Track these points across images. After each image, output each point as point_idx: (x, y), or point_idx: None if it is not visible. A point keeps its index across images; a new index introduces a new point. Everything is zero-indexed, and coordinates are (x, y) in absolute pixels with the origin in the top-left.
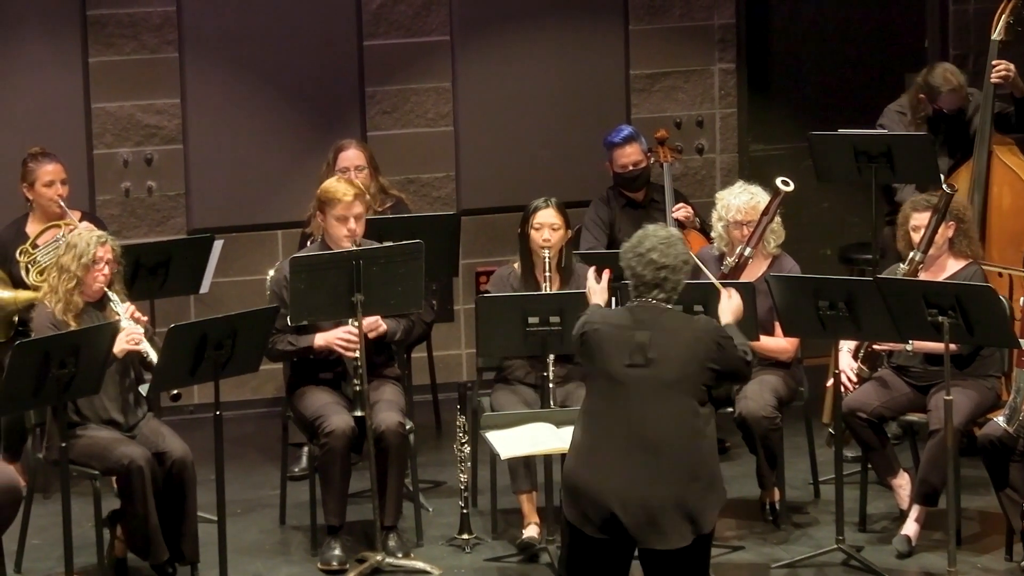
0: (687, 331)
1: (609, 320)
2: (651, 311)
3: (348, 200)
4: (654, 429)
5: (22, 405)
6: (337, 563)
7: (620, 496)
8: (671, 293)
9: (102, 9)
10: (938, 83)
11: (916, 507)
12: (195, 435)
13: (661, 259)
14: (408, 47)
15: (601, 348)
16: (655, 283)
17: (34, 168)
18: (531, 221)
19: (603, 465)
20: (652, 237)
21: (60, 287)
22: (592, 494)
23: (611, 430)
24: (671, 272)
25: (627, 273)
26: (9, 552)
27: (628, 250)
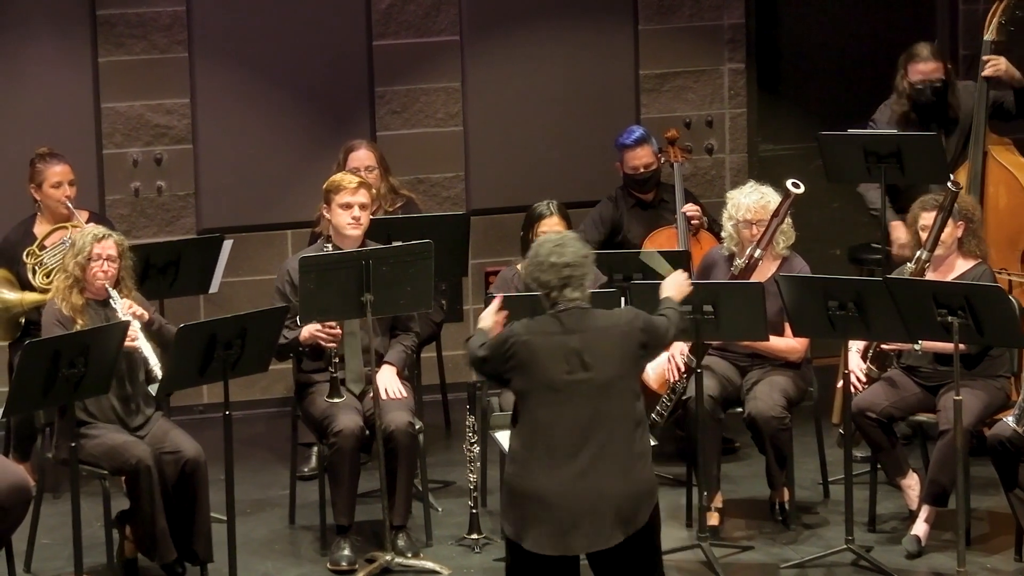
0: (615, 328)
1: (536, 330)
2: (575, 314)
3: (352, 187)
4: (599, 432)
5: (32, 405)
6: (346, 563)
7: (573, 508)
8: (581, 290)
9: (111, 9)
10: (912, 52)
11: (926, 507)
12: (205, 435)
13: (560, 259)
14: (418, 47)
15: (535, 358)
16: (562, 283)
17: (42, 169)
18: (536, 228)
19: (553, 478)
20: (546, 244)
21: (62, 285)
22: (536, 509)
23: (555, 439)
24: (573, 269)
25: (534, 287)
26: (19, 552)
27: (527, 266)
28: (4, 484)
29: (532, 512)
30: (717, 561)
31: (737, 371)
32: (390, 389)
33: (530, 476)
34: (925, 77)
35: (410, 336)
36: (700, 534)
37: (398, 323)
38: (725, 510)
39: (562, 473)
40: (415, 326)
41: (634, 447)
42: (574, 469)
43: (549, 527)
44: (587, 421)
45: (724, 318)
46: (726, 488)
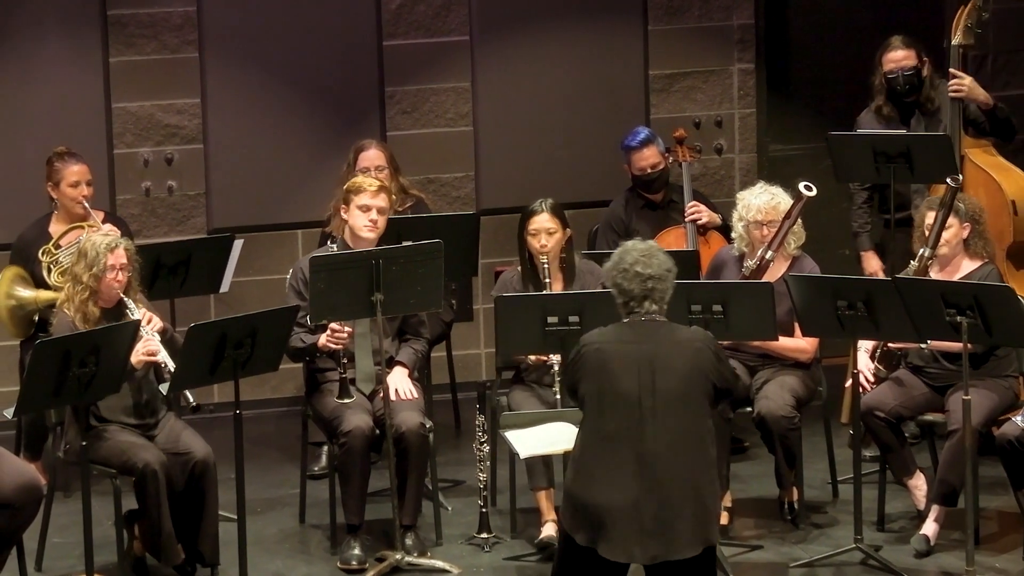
0: (688, 343)
1: (609, 338)
2: (649, 326)
3: (373, 190)
4: (666, 443)
5: (43, 404)
6: (356, 562)
7: (632, 516)
8: (661, 303)
9: (122, 9)
10: (885, 44)
11: (935, 507)
12: (215, 434)
13: (645, 270)
14: (428, 47)
15: (606, 366)
16: (644, 295)
17: (60, 168)
18: (527, 226)
19: (619, 488)
20: (633, 251)
21: (75, 297)
22: (602, 514)
23: (621, 448)
24: (657, 281)
25: (614, 292)
26: (30, 550)
27: (611, 268)
28: (15, 483)
29: (597, 518)
30: (727, 560)
31: (747, 371)
32: (401, 389)
33: (596, 485)
34: (896, 65)
35: (420, 341)
36: None
37: (407, 327)
38: (734, 509)
39: (628, 484)
40: (425, 331)
41: (701, 462)
42: (641, 481)
43: (616, 534)
44: (654, 433)
45: (734, 318)
46: (735, 487)
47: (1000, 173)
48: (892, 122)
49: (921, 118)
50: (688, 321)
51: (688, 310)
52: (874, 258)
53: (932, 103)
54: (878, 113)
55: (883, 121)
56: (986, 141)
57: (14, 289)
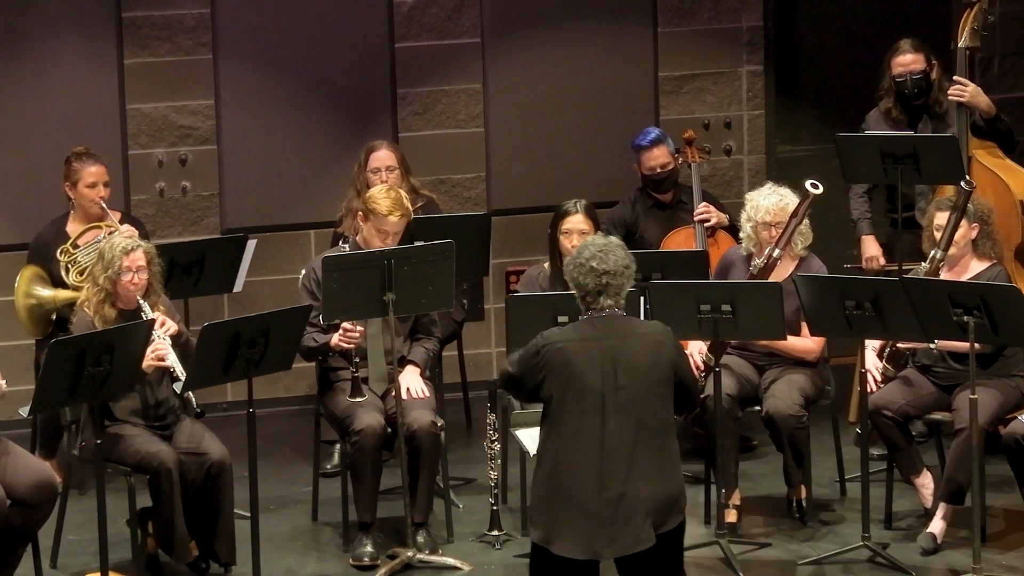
0: (648, 335)
1: (570, 336)
2: (608, 320)
3: (394, 220)
4: (629, 437)
5: (58, 402)
6: (368, 559)
7: (602, 513)
8: (617, 298)
9: (137, 11)
10: (894, 47)
11: (942, 505)
12: (229, 432)
13: (600, 265)
14: (439, 49)
15: (570, 364)
16: (598, 290)
17: (78, 168)
18: (560, 226)
19: (585, 483)
20: (590, 247)
21: (93, 298)
22: (567, 514)
23: (585, 444)
24: (612, 277)
25: (572, 286)
26: (45, 548)
27: (568, 263)
28: (30, 481)
29: (562, 516)
30: (735, 558)
31: (755, 370)
32: (413, 388)
33: (560, 481)
34: (905, 69)
35: (432, 340)
36: (718, 531)
37: (419, 327)
38: (743, 507)
39: (593, 479)
40: (436, 331)
41: (664, 453)
42: (605, 475)
43: (579, 532)
44: (618, 427)
45: (742, 317)
46: (744, 485)
47: (1008, 174)
48: (900, 124)
49: (929, 121)
50: (697, 320)
51: (697, 310)
52: (873, 243)
53: (940, 106)
54: (886, 115)
55: (891, 123)
56: (992, 143)
57: (33, 288)
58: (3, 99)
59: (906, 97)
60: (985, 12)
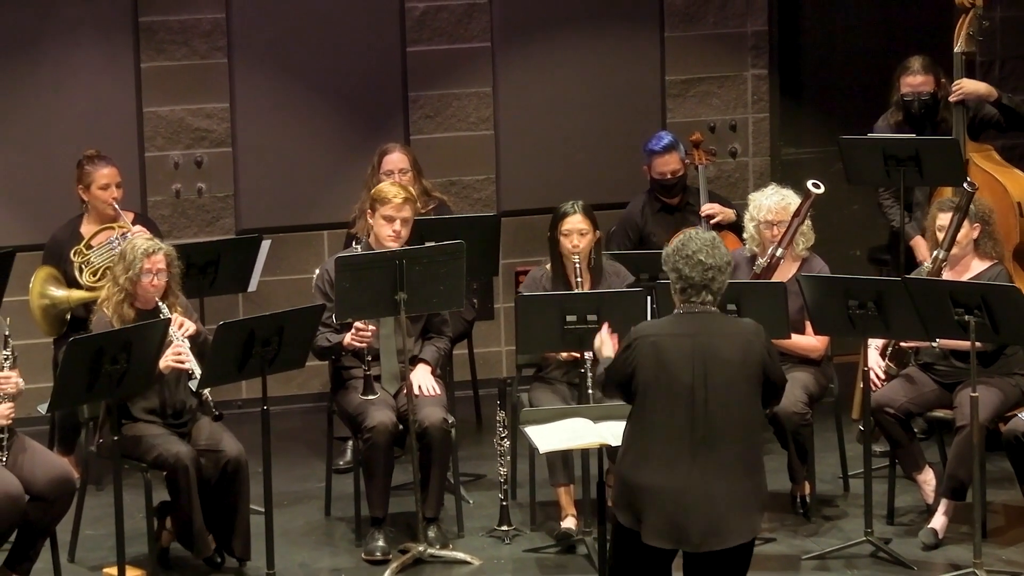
0: (739, 335)
1: (664, 330)
2: (702, 317)
3: (398, 202)
4: (718, 434)
5: (75, 400)
6: (380, 553)
7: (688, 504)
8: (717, 295)
9: (154, 16)
10: (904, 65)
11: (943, 501)
12: (243, 429)
13: (708, 259)
14: (450, 53)
15: (661, 358)
16: (703, 284)
17: (90, 171)
18: (559, 227)
19: (671, 474)
20: (697, 240)
21: (113, 298)
22: (655, 502)
23: (674, 437)
24: (718, 272)
25: (673, 276)
26: (63, 542)
27: (673, 253)
28: (49, 476)
29: (649, 506)
30: None
31: None
32: (424, 386)
33: (648, 472)
34: (913, 90)
35: (443, 339)
36: None
37: (431, 326)
38: None
39: (680, 471)
40: (447, 330)
41: (750, 450)
42: (692, 469)
43: (665, 523)
44: (707, 423)
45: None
46: None
47: (1005, 176)
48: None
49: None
50: None
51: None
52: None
53: (946, 123)
54: (897, 129)
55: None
56: (988, 145)
57: (47, 288)
58: (23, 102)
59: (913, 116)
60: (980, 18)
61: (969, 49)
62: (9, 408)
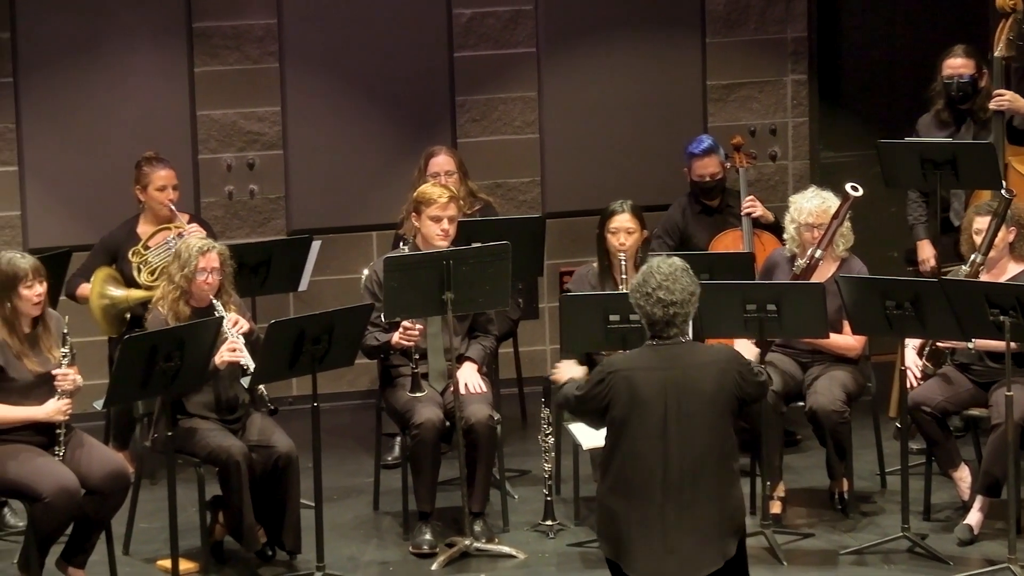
0: (712, 365)
1: (634, 363)
2: (673, 350)
3: (443, 201)
4: (691, 465)
5: (130, 396)
6: (427, 547)
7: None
8: (683, 326)
9: (207, 22)
10: (947, 50)
11: (979, 497)
12: (294, 425)
13: (667, 296)
14: (496, 58)
15: (635, 393)
16: (666, 320)
17: (148, 172)
18: (607, 225)
19: (645, 507)
20: (656, 275)
21: (168, 296)
22: (628, 531)
23: (647, 470)
24: (679, 307)
25: (638, 312)
26: (118, 535)
27: (635, 290)
28: (104, 471)
29: (629, 537)
30: (779, 547)
31: (799, 367)
32: (470, 384)
33: (625, 503)
34: (954, 72)
35: (489, 338)
36: (763, 522)
37: (477, 325)
38: (787, 499)
39: (657, 503)
40: (494, 328)
41: (726, 476)
42: (669, 499)
43: (646, 554)
44: (680, 453)
45: (787, 316)
46: (788, 478)
47: None
48: (948, 126)
49: (971, 125)
50: (744, 320)
51: (744, 309)
52: (928, 246)
53: (985, 112)
54: (936, 117)
55: (940, 125)
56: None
57: (106, 288)
58: (80, 106)
59: (953, 100)
60: (1020, 22)
61: (1009, 54)
62: (67, 404)
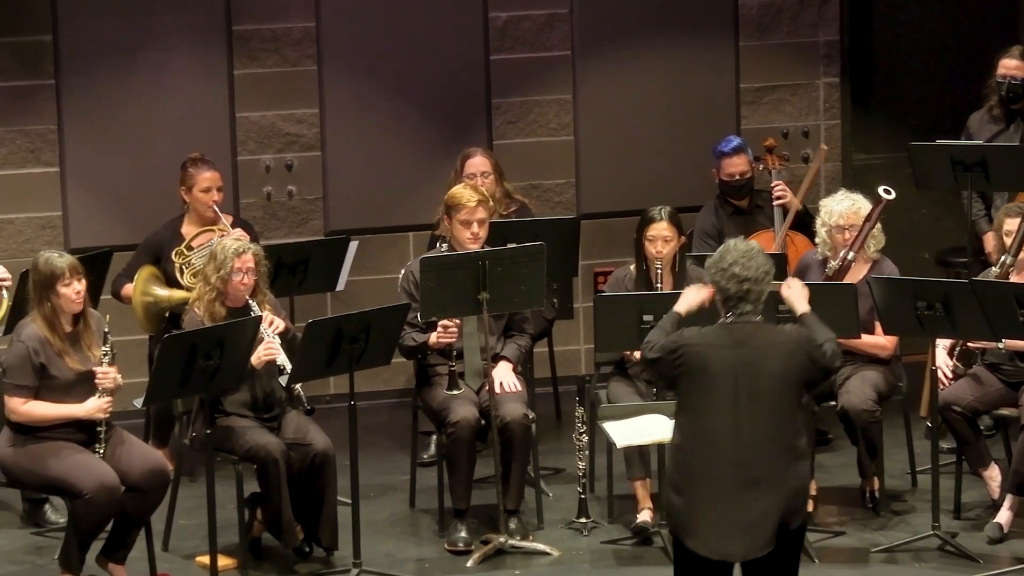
0: (781, 345)
1: (707, 340)
2: (745, 328)
3: (471, 205)
4: (760, 443)
5: (170, 395)
6: (463, 544)
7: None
8: (756, 304)
9: (246, 25)
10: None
11: (1009, 496)
12: (331, 423)
13: (743, 272)
14: (532, 61)
15: (706, 369)
16: (740, 296)
17: (193, 173)
18: (645, 232)
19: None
20: (733, 251)
21: (204, 297)
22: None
23: (717, 447)
24: (753, 284)
25: (714, 288)
26: (157, 531)
27: (711, 266)
28: (144, 468)
29: (695, 513)
30: (811, 545)
31: None
32: (506, 383)
33: (693, 479)
34: (1007, 72)
35: (524, 336)
36: None
37: (512, 324)
38: (819, 497)
39: (725, 480)
40: (529, 328)
41: (794, 455)
42: (736, 478)
43: (712, 531)
44: (750, 431)
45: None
46: (820, 476)
47: None
48: (999, 123)
49: (1021, 125)
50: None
51: (776, 309)
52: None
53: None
54: (989, 113)
55: (992, 121)
56: None
57: (149, 287)
58: (122, 108)
59: (1004, 99)
60: None
61: None
62: (108, 402)
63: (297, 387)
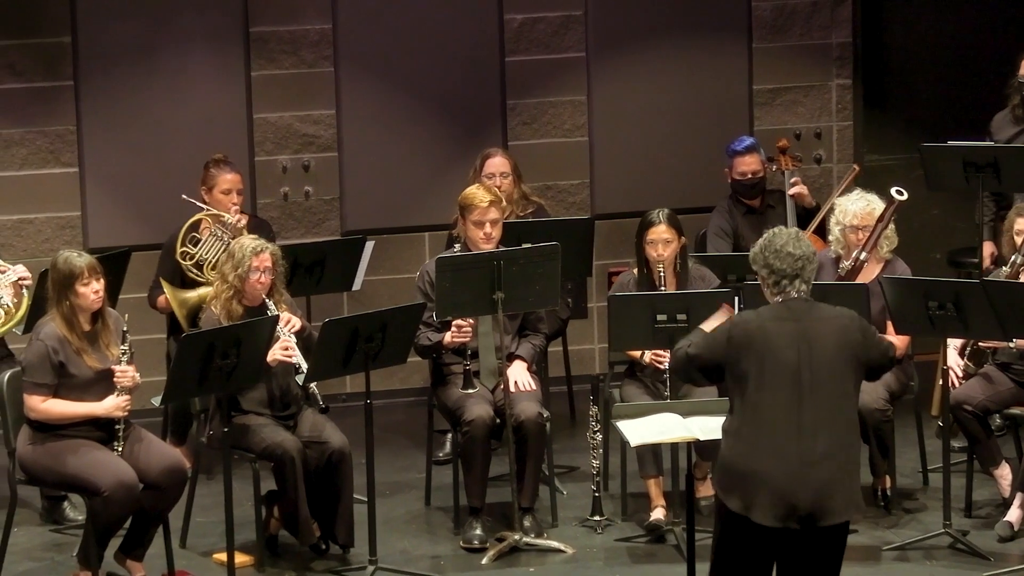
0: (835, 320)
1: (768, 316)
2: (801, 304)
3: (483, 206)
4: (823, 415)
5: (188, 393)
6: (478, 541)
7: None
8: (808, 283)
9: (264, 26)
10: None
11: (1019, 495)
12: (347, 422)
13: (796, 250)
14: (547, 63)
15: (769, 343)
16: (795, 273)
17: (215, 174)
18: (645, 236)
19: (780, 453)
20: (783, 234)
21: (222, 295)
22: (766, 482)
23: (782, 420)
24: (807, 261)
25: (764, 272)
26: (175, 528)
27: (763, 249)
28: (162, 466)
29: (760, 488)
30: None
31: None
32: (520, 381)
33: (759, 454)
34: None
35: (539, 336)
36: None
37: (527, 324)
38: None
39: (792, 453)
40: (544, 327)
41: (851, 431)
42: (803, 449)
43: (776, 503)
44: (813, 404)
45: None
46: None
47: None
48: (1021, 124)
49: None
50: None
51: None
52: (988, 245)
53: None
54: (1012, 112)
55: (1014, 122)
56: None
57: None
58: (140, 109)
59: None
60: None
61: None
62: (126, 401)
63: (312, 386)
